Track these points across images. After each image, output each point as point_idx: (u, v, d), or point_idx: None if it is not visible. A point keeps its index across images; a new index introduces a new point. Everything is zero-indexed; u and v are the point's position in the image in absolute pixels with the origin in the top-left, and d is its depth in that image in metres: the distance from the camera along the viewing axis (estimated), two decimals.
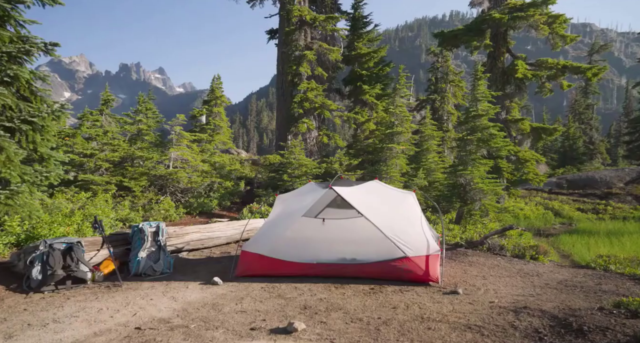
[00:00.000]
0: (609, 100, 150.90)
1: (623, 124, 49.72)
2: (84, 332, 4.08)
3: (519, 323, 3.76)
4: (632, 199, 19.97)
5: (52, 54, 8.08)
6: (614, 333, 3.19)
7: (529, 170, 15.72)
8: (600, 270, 6.21)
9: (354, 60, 17.62)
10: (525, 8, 16.63)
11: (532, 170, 15.89)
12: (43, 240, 5.62)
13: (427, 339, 3.61)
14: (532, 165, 16.01)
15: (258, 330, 4.10)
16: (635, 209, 18.65)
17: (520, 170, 15.76)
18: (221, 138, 16.20)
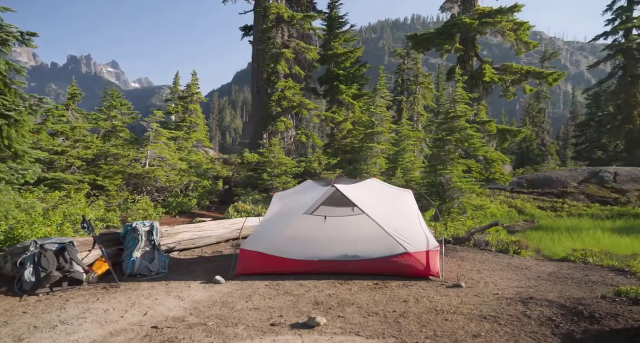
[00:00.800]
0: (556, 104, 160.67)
1: (570, 128, 53.02)
2: (99, 332, 3.95)
3: (531, 313, 4.00)
4: (585, 197, 21.44)
5: (29, 45, 7.63)
6: (625, 318, 3.49)
7: (495, 169, 16.54)
8: (580, 263, 6.68)
9: (330, 60, 17.77)
10: (493, 14, 17.47)
11: (498, 169, 16.72)
12: (33, 241, 5.33)
13: (448, 330, 3.77)
14: (499, 165, 16.85)
15: (279, 325, 4.12)
16: (588, 207, 20.05)
17: (488, 169, 16.54)
18: (198, 136, 15.81)
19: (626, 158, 32.72)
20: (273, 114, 15.37)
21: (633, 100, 31.80)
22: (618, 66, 33.57)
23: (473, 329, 3.73)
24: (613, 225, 15.15)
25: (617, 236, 12.33)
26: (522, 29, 17.79)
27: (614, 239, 11.80)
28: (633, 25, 32.02)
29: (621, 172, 23.27)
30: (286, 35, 16.62)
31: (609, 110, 38.80)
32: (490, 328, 3.69)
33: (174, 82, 27.51)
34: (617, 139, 34.45)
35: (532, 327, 3.65)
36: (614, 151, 36.93)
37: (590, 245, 10.12)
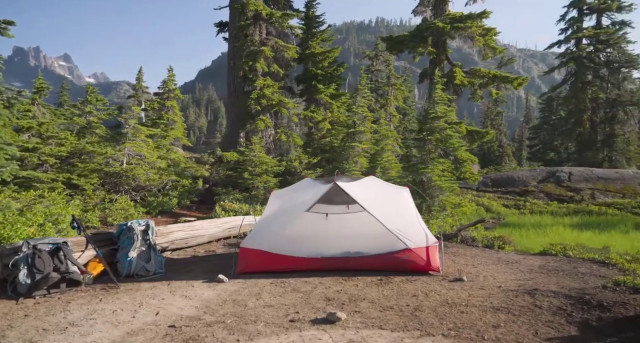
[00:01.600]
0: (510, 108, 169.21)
1: (525, 130, 55.92)
2: (116, 333, 3.84)
3: (541, 303, 4.25)
4: (544, 196, 22.76)
5: (6, 34, 7.18)
6: (633, 306, 3.78)
7: (466, 169, 17.24)
8: (561, 256, 7.12)
9: (307, 59, 17.80)
10: (464, 19, 18.20)
11: (468, 169, 17.44)
12: (25, 241, 5.07)
13: (467, 321, 3.92)
14: (469, 165, 17.58)
15: (299, 321, 4.14)
16: (547, 205, 21.30)
17: (459, 169, 17.20)
18: (176, 133, 15.35)
19: (577, 159, 34.98)
20: (252, 113, 15.22)
21: (583, 105, 34.04)
22: (570, 73, 35.82)
23: (491, 320, 3.91)
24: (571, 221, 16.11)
25: (578, 231, 13.14)
26: (490, 34, 18.68)
27: (575, 234, 12.55)
28: (583, 35, 34.25)
29: (575, 172, 24.85)
30: (264, 33, 16.49)
31: (561, 115, 41.46)
32: (507, 319, 3.89)
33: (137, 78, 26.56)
34: (569, 141, 36.75)
35: (546, 317, 3.87)
36: (565, 152, 39.40)
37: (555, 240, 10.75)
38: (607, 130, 33.93)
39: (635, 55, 34.00)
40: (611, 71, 34.64)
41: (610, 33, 33.87)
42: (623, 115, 33.20)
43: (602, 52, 34.64)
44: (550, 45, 36.53)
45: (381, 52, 38.80)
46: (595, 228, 13.74)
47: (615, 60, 34.54)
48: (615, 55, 34.46)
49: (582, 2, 34.50)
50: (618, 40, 33.94)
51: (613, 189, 23.55)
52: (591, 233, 12.47)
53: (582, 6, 34.59)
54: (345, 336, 3.68)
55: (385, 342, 3.46)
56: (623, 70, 34.30)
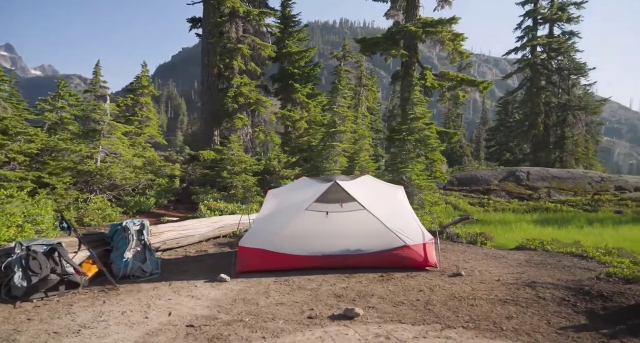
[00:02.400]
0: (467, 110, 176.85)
1: (482, 132, 58.53)
2: (134, 334, 3.75)
3: (544, 295, 4.52)
4: (505, 194, 24.02)
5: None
6: (630, 295, 4.09)
7: (436, 169, 17.87)
8: (541, 251, 7.58)
9: (283, 58, 17.74)
10: (435, 24, 18.86)
11: (438, 169, 18.09)
12: (17, 242, 4.80)
13: (480, 314, 4.08)
14: (439, 164, 18.24)
15: (317, 318, 4.18)
16: (509, 202, 22.50)
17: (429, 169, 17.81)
18: (151, 131, 14.76)
19: (532, 159, 37.14)
20: (229, 111, 14.97)
21: (537, 109, 36.20)
22: (526, 79, 37.94)
23: (502, 312, 4.11)
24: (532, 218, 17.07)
25: (540, 227, 13.95)
26: (458, 39, 19.49)
27: (538, 230, 13.31)
28: (538, 43, 36.39)
29: (532, 171, 26.39)
30: (241, 30, 16.26)
31: (516, 118, 43.84)
32: (517, 311, 4.11)
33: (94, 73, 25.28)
34: (525, 142, 38.92)
35: (553, 307, 4.14)
36: (520, 153, 41.70)
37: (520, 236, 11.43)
38: (559, 132, 36.26)
39: (582, 63, 36.59)
40: (562, 78, 37.05)
41: (561, 42, 36.19)
42: (572, 118, 35.60)
43: (554, 60, 36.96)
44: (508, 51, 38.49)
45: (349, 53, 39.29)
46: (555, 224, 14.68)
47: (565, 67, 36.97)
48: (566, 63, 36.88)
49: (536, 12, 36.62)
50: (568, 48, 36.33)
51: (566, 187, 25.22)
52: (552, 229, 13.29)
53: (537, 16, 36.71)
54: (369, 331, 3.76)
55: (411, 335, 3.58)
56: (572, 77, 36.77)
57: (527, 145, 38.22)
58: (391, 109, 52.66)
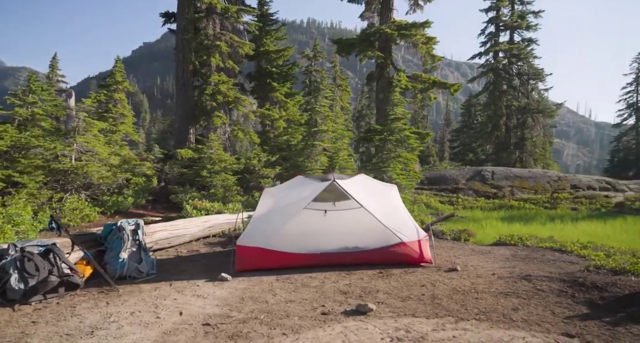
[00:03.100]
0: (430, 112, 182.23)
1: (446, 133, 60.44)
2: (152, 334, 3.69)
3: (541, 287, 4.77)
4: (473, 193, 25.01)
5: None
6: (623, 285, 4.38)
7: (410, 168, 18.35)
8: (521, 246, 7.96)
9: (260, 57, 17.60)
10: (409, 27, 19.36)
11: (412, 168, 18.58)
12: (11, 244, 4.57)
13: (487, 306, 4.26)
14: (412, 164, 18.72)
15: (331, 314, 4.23)
16: (476, 200, 23.45)
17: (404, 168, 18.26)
18: (126, 128, 14.16)
19: (494, 159, 38.83)
20: (208, 109, 14.69)
21: (500, 111, 37.91)
22: (489, 82, 39.63)
23: (507, 304, 4.31)
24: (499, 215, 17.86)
25: (508, 224, 14.64)
26: (431, 43, 20.10)
27: (506, 226, 13.91)
28: (500, 48, 38.10)
29: (497, 171, 27.61)
30: (218, 27, 15.99)
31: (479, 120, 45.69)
32: (521, 303, 4.33)
33: (51, 66, 24.03)
34: (488, 143, 40.63)
35: (553, 299, 4.39)
36: (483, 153, 43.48)
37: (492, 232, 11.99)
38: (519, 134, 38.12)
39: (540, 69, 38.69)
40: (522, 82, 38.98)
41: (521, 48, 38.06)
42: (531, 121, 37.53)
43: (515, 65, 38.83)
44: (472, 56, 40.05)
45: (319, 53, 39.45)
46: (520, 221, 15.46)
47: (524, 72, 38.93)
48: (525, 68, 38.84)
49: (498, 19, 38.31)
50: (527, 55, 38.27)
51: (528, 186, 26.53)
52: (519, 226, 13.98)
53: (499, 23, 38.41)
54: (387, 325, 3.86)
55: (430, 328, 3.71)
56: (531, 81, 38.76)
57: (490, 145, 39.88)
58: (359, 109, 53.33)
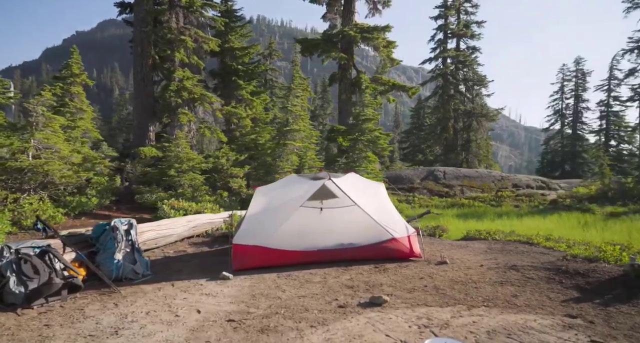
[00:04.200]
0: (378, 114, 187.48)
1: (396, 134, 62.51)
2: (179, 331, 3.66)
3: (530, 275, 5.21)
4: (427, 192, 26.24)
5: None
6: (601, 271, 4.91)
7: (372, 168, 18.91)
8: (491, 240, 8.56)
9: (225, 53, 17.22)
10: (371, 30, 19.93)
11: (374, 168, 19.15)
12: (5, 245, 4.26)
13: (488, 294, 4.61)
14: (373, 164, 19.30)
15: (348, 307, 4.37)
16: (431, 199, 24.63)
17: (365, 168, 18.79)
18: (86, 124, 13.16)
19: (443, 160, 40.89)
20: (172, 105, 14.14)
21: (448, 114, 40.03)
22: (438, 87, 41.67)
23: (506, 292, 4.68)
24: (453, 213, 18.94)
25: (463, 220, 15.63)
26: (391, 47, 20.84)
27: (462, 223, 14.86)
28: (448, 55, 40.23)
29: (448, 171, 29.15)
30: (182, 21, 15.44)
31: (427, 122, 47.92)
32: (517, 290, 4.72)
33: None
34: (437, 144, 42.71)
35: (544, 285, 4.84)
36: (432, 154, 45.61)
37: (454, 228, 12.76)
38: (465, 136, 40.48)
39: (483, 76, 41.36)
40: (467, 87, 41.45)
41: (466, 55, 40.45)
42: (476, 124, 39.99)
43: (461, 71, 41.18)
44: (423, 61, 41.86)
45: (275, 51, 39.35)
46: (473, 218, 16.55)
47: (469, 78, 41.40)
48: (470, 75, 41.34)
49: (446, 27, 40.43)
50: (471, 62, 40.74)
51: (475, 185, 28.25)
52: (473, 222, 14.97)
53: (447, 30, 40.53)
54: (407, 314, 4.07)
55: (448, 315, 3.98)
56: (475, 87, 41.32)
57: (439, 147, 41.93)
58: (313, 110, 53.72)
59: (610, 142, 38.26)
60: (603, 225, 14.11)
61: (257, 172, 14.08)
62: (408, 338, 3.40)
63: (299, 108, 14.74)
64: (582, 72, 43.58)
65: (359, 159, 12.13)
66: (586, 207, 19.01)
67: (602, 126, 39.65)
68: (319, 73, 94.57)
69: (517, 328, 3.50)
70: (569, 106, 44.45)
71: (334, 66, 23.65)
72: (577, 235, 10.64)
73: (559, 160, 43.98)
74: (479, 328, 3.54)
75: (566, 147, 43.28)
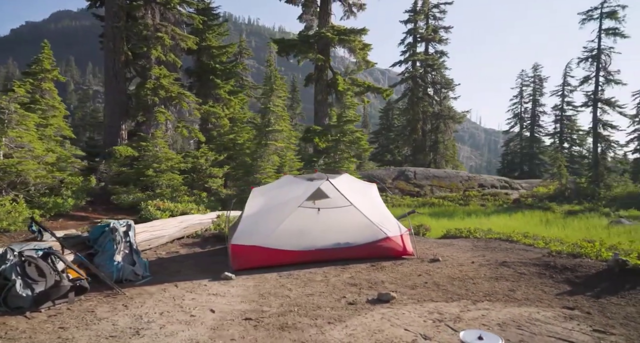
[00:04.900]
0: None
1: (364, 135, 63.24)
2: (200, 330, 3.71)
3: (522, 271, 5.52)
4: (399, 191, 26.90)
5: None
6: (587, 266, 5.29)
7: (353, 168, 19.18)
8: (473, 238, 8.93)
9: (202, 52, 16.89)
10: (348, 33, 20.21)
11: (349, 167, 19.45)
12: (8, 248, 4.12)
13: (486, 289, 4.88)
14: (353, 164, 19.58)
15: (358, 304, 4.52)
16: (402, 198, 25.30)
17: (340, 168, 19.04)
18: (58, 122, 12.46)
19: (412, 160, 41.93)
20: (149, 104, 13.73)
21: (417, 116, 41.13)
22: (408, 89, 42.70)
23: (503, 287, 4.96)
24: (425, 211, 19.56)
25: (436, 219, 16.18)
26: (367, 49, 21.23)
27: (435, 221, 15.36)
28: (417, 58, 41.31)
29: (418, 171, 29.96)
30: (158, 17, 15.02)
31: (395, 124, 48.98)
32: (513, 285, 5.01)
33: None
34: (407, 145, 43.76)
35: (536, 280, 5.17)
36: (400, 155, 46.66)
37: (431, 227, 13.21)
38: (433, 138, 41.74)
39: (450, 79, 42.80)
40: (435, 90, 42.76)
41: (435, 59, 41.70)
42: (443, 126, 41.34)
43: (430, 74, 42.42)
44: (393, 64, 42.76)
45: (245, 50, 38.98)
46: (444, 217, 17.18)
47: (437, 82, 42.72)
48: (438, 78, 42.65)
49: (416, 31, 41.52)
50: (439, 66, 42.05)
51: (444, 185, 29.20)
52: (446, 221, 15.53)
53: (416, 34, 41.64)
54: (418, 309, 4.26)
55: (457, 310, 4.19)
56: (443, 90, 42.69)
57: (408, 147, 42.95)
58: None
59: (564, 144, 40.66)
60: (563, 222, 15.08)
61: (236, 172, 13.96)
62: (426, 331, 3.58)
63: (281, 108, 14.77)
64: (539, 78, 46.05)
65: (341, 159, 12.32)
66: (546, 206, 20.15)
67: (556, 129, 42.17)
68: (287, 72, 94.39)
69: (524, 320, 3.77)
70: (527, 110, 46.80)
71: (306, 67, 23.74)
72: (541, 232, 11.33)
73: (518, 161, 46.19)
74: (489, 321, 3.78)
75: (525, 148, 45.54)
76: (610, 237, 10.42)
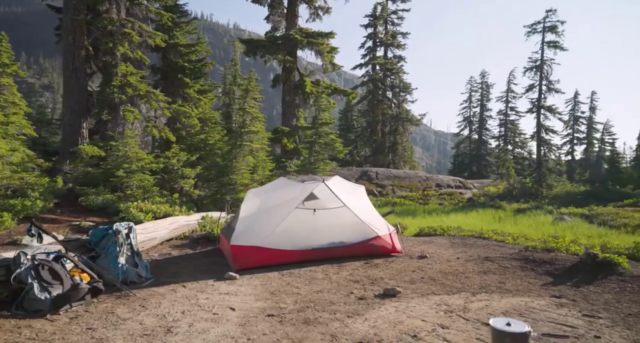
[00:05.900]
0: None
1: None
2: (229, 327, 3.90)
3: (505, 265, 6.06)
4: None
5: None
6: (562, 259, 5.90)
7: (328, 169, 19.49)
8: (447, 235, 9.52)
9: (169, 50, 16.40)
10: (316, 36, 20.49)
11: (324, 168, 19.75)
12: (21, 252, 4.05)
13: (480, 282, 5.32)
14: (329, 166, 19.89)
15: (367, 299, 4.80)
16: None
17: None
18: (19, 120, 11.52)
19: (372, 161, 43.00)
20: (115, 102, 13.16)
21: (377, 118, 42.30)
22: (369, 92, 43.75)
23: (492, 280, 5.42)
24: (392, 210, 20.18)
25: (400, 218, 16.81)
26: (333, 52, 21.65)
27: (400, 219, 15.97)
28: (377, 62, 42.47)
29: (380, 171, 30.89)
30: (124, 13, 14.43)
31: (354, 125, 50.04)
32: (501, 278, 5.49)
33: None
34: (367, 146, 44.83)
35: (520, 273, 5.69)
36: (358, 155, 47.71)
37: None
38: (392, 139, 43.10)
39: (408, 83, 44.41)
40: (394, 94, 44.17)
41: (393, 64, 43.08)
42: (402, 128, 42.84)
43: (389, 78, 43.75)
44: (354, 66, 43.62)
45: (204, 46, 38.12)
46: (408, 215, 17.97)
47: (396, 85, 44.17)
48: (397, 82, 44.11)
49: (376, 36, 42.70)
50: (398, 70, 43.49)
51: (405, 185, 30.33)
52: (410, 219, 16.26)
53: (376, 39, 42.83)
54: (425, 302, 4.61)
55: (460, 301, 4.59)
56: (402, 94, 44.21)
57: (368, 148, 44.02)
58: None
59: (507, 146, 43.56)
60: (514, 219, 16.32)
61: (208, 173, 13.78)
62: (442, 321, 3.94)
63: (256, 109, 14.74)
64: (486, 84, 48.96)
65: (317, 161, 12.59)
66: (497, 204, 21.60)
67: (501, 133, 45.15)
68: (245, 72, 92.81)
69: (523, 308, 4.24)
70: (475, 114, 49.57)
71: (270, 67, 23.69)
72: (497, 228, 12.25)
73: (468, 162, 48.84)
74: (494, 310, 4.21)
75: (474, 150, 48.23)
76: (557, 232, 11.54)
